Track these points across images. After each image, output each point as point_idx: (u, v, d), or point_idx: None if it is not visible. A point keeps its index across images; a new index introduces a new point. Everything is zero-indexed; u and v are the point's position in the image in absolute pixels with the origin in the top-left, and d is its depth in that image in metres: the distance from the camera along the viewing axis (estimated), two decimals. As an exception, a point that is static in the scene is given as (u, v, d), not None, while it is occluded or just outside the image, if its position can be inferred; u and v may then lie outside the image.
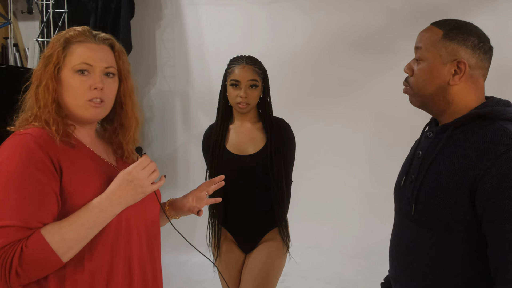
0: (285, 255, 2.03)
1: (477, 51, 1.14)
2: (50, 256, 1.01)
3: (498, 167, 1.03)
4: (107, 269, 1.11)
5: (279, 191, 1.95)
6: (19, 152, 1.04)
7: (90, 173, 1.13)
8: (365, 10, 3.73)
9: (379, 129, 3.79)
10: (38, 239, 1.00)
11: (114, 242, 1.13)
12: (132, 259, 1.17)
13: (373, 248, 3.50)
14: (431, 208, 1.12)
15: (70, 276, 1.07)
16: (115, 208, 1.09)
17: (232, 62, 2.01)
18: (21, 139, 1.07)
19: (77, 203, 1.08)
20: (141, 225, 1.20)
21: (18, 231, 1.00)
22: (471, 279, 1.10)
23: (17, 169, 1.02)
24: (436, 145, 1.18)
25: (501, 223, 1.01)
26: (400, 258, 1.25)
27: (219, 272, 2.03)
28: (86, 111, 1.16)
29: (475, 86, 1.16)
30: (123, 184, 1.10)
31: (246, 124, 2.01)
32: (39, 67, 1.17)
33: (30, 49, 3.63)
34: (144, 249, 1.21)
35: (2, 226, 0.99)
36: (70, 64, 1.16)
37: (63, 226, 1.04)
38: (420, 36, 1.21)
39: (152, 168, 1.15)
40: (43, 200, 1.03)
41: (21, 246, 0.99)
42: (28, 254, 0.99)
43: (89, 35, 1.20)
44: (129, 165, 1.20)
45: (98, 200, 1.08)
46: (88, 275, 1.09)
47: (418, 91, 1.19)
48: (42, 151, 1.06)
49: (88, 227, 1.06)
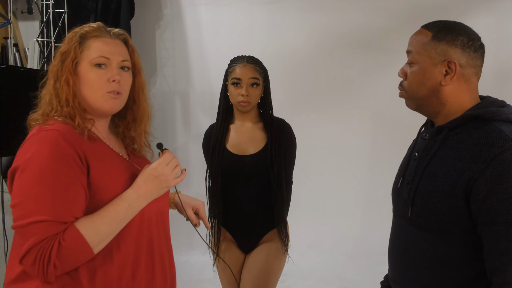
0: (285, 256, 2.03)
1: (467, 49, 1.13)
2: (85, 249, 1.06)
3: (492, 169, 1.02)
4: (132, 260, 1.17)
5: (278, 192, 1.94)
6: (48, 147, 1.07)
7: (115, 169, 1.18)
8: (365, 10, 3.73)
9: (380, 129, 3.79)
10: (75, 233, 1.05)
11: (138, 234, 1.18)
12: (154, 250, 1.22)
13: (373, 248, 3.49)
14: (427, 210, 1.13)
15: (100, 268, 1.12)
16: (142, 202, 1.15)
17: (233, 61, 2.01)
18: (49, 134, 1.09)
19: (106, 198, 1.12)
20: (159, 217, 1.26)
21: (54, 226, 1.04)
22: (467, 280, 1.10)
23: (48, 165, 1.05)
24: (432, 147, 1.18)
25: (496, 225, 1.01)
26: (398, 259, 1.25)
27: (216, 268, 2.03)
28: (105, 103, 1.19)
29: (468, 86, 1.16)
30: (149, 179, 1.16)
31: (247, 124, 2.01)
32: (56, 63, 1.20)
33: (30, 49, 3.63)
34: (162, 239, 1.27)
35: (38, 221, 1.03)
36: (88, 58, 1.19)
37: (95, 220, 1.08)
38: (410, 40, 1.21)
39: (175, 163, 1.21)
40: (75, 195, 1.07)
41: (58, 239, 1.03)
42: (66, 247, 1.03)
43: (104, 31, 1.24)
44: (141, 159, 1.29)
45: (126, 194, 1.14)
46: (117, 267, 1.14)
47: (413, 94, 1.19)
48: (70, 147, 1.09)
49: (118, 221, 1.11)
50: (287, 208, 2.03)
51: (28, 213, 1.03)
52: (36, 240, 1.02)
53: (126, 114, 1.32)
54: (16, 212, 1.05)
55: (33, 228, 1.02)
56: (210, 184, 2.00)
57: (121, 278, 1.14)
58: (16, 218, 1.05)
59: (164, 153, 1.21)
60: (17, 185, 1.06)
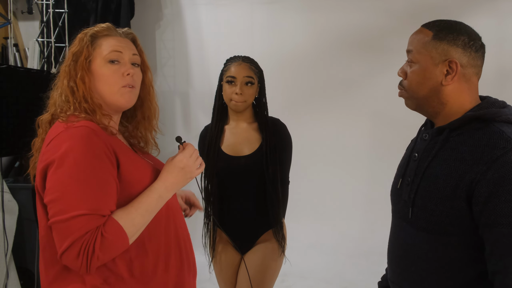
0: (282, 257, 2.01)
1: (468, 49, 1.13)
2: (124, 240, 1.10)
3: (495, 170, 1.02)
4: (164, 249, 1.21)
5: (274, 192, 1.93)
6: (83, 143, 1.09)
7: (140, 163, 1.22)
8: (365, 10, 3.73)
9: (379, 129, 3.78)
10: (115, 225, 1.08)
11: (166, 225, 1.23)
12: (179, 237, 1.27)
13: (373, 248, 3.49)
14: (428, 212, 1.12)
15: (136, 259, 1.15)
16: (169, 193, 1.21)
17: (229, 60, 2.00)
18: (80, 131, 1.11)
19: (135, 190, 1.16)
20: (177, 206, 1.32)
21: (95, 219, 1.06)
22: (468, 282, 1.10)
23: (84, 160, 1.07)
24: (432, 148, 1.17)
25: (498, 227, 1.01)
26: (398, 261, 1.24)
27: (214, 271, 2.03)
28: (122, 97, 1.22)
29: (469, 86, 1.16)
30: (175, 170, 1.22)
31: (242, 124, 1.99)
32: (68, 62, 1.22)
33: (30, 49, 3.63)
34: (184, 227, 1.32)
35: (80, 215, 1.05)
36: (101, 55, 1.21)
37: (131, 212, 1.12)
38: (411, 39, 1.20)
39: (197, 154, 1.27)
40: (110, 189, 1.10)
41: (101, 232, 1.06)
42: (108, 238, 1.06)
43: (114, 30, 1.27)
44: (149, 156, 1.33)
45: (156, 186, 1.18)
46: (151, 257, 1.18)
47: (413, 93, 1.19)
48: (101, 142, 1.12)
49: (150, 212, 1.15)
50: (284, 209, 2.02)
51: (67, 207, 1.05)
52: (80, 233, 1.04)
53: (136, 113, 1.35)
54: (54, 207, 1.06)
55: (75, 222, 1.04)
56: (206, 185, 1.99)
57: (156, 268, 1.18)
58: (54, 213, 1.06)
59: (185, 145, 1.27)
60: (53, 180, 1.07)
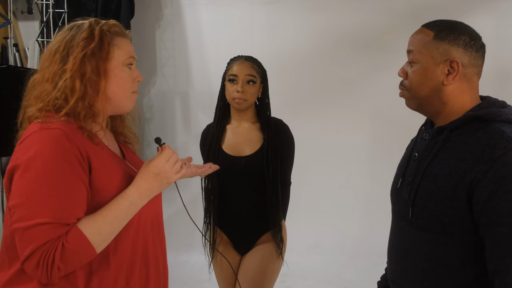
0: (281, 258, 2.00)
1: (469, 49, 1.13)
2: (89, 250, 1.05)
3: (495, 170, 1.02)
4: (128, 265, 1.15)
5: (274, 194, 1.91)
6: (52, 147, 1.04)
7: (114, 170, 1.16)
8: (365, 10, 3.73)
9: (379, 129, 3.78)
10: (78, 235, 1.03)
11: (135, 238, 1.16)
12: (148, 254, 1.20)
13: (373, 248, 3.49)
14: (428, 211, 1.12)
15: (97, 272, 1.10)
16: (143, 199, 1.14)
17: (232, 60, 2.00)
18: (52, 133, 1.06)
19: (104, 199, 1.10)
20: (154, 220, 1.24)
21: (57, 228, 1.02)
22: (468, 282, 1.10)
23: (52, 165, 1.02)
24: (432, 148, 1.17)
25: (499, 227, 1.01)
26: (398, 260, 1.25)
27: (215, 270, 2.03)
28: (130, 103, 1.22)
29: (470, 85, 1.16)
30: (149, 177, 1.15)
31: (244, 124, 1.98)
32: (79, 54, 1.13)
33: (30, 49, 3.63)
34: (157, 243, 1.25)
35: (42, 223, 1.00)
36: (120, 57, 1.17)
37: (97, 220, 1.06)
38: (411, 39, 1.20)
39: (175, 158, 1.19)
40: (78, 196, 1.05)
41: (62, 242, 1.01)
42: (70, 249, 1.01)
43: (124, 29, 1.24)
44: (134, 155, 1.29)
45: (128, 193, 1.12)
46: (113, 271, 1.12)
47: (414, 93, 1.19)
48: (73, 146, 1.06)
49: (120, 220, 1.09)
50: (285, 210, 2.01)
51: (31, 214, 1.00)
52: (40, 242, 1.00)
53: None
54: (17, 213, 1.02)
55: (36, 230, 1.00)
56: (206, 185, 1.98)
57: (116, 283, 1.12)
58: (17, 219, 1.02)
59: (163, 148, 1.19)
60: (19, 185, 1.03)
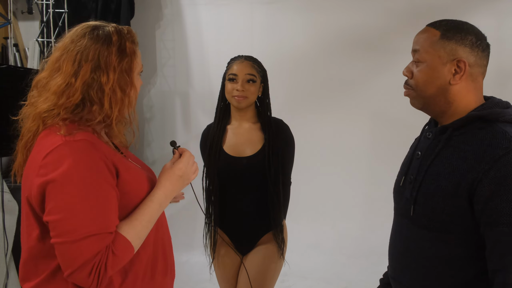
0: (282, 259, 2.00)
1: (475, 49, 1.14)
2: (131, 253, 1.11)
3: (497, 170, 1.03)
4: (152, 258, 1.21)
5: (275, 194, 1.91)
6: (85, 159, 1.06)
7: (136, 172, 1.20)
8: (365, 10, 3.73)
9: (379, 129, 3.79)
10: (124, 242, 1.09)
11: (156, 232, 1.23)
12: (165, 246, 1.27)
13: (373, 248, 3.49)
14: (430, 209, 1.13)
15: (131, 270, 1.15)
16: (168, 201, 1.22)
17: (232, 59, 2.00)
18: (81, 145, 1.07)
19: (129, 201, 1.15)
20: (164, 214, 1.32)
21: (104, 238, 1.05)
22: (468, 280, 1.11)
23: (89, 178, 1.05)
24: (435, 147, 1.18)
25: (499, 226, 1.01)
26: (399, 258, 1.25)
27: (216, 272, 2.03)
28: (133, 109, 1.25)
29: (475, 85, 1.17)
30: (174, 179, 1.23)
31: (244, 124, 1.98)
32: (117, 59, 1.15)
33: (30, 49, 3.63)
34: (166, 228, 1.32)
35: (89, 236, 1.03)
36: (138, 67, 1.22)
37: (136, 225, 1.12)
38: (417, 38, 1.21)
39: (193, 159, 1.28)
40: (113, 203, 1.09)
41: (111, 250, 1.06)
42: (119, 256, 1.07)
43: None
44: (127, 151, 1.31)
45: (156, 196, 1.18)
46: (143, 266, 1.18)
47: (420, 92, 1.19)
48: (102, 155, 1.10)
49: (152, 222, 1.17)
50: (285, 210, 2.01)
51: (76, 228, 1.02)
52: (91, 254, 1.02)
53: None
54: (59, 227, 1.03)
55: (85, 243, 1.02)
56: (207, 185, 1.98)
57: (144, 277, 1.18)
58: (60, 234, 1.03)
59: (182, 151, 1.28)
60: (58, 200, 1.03)
